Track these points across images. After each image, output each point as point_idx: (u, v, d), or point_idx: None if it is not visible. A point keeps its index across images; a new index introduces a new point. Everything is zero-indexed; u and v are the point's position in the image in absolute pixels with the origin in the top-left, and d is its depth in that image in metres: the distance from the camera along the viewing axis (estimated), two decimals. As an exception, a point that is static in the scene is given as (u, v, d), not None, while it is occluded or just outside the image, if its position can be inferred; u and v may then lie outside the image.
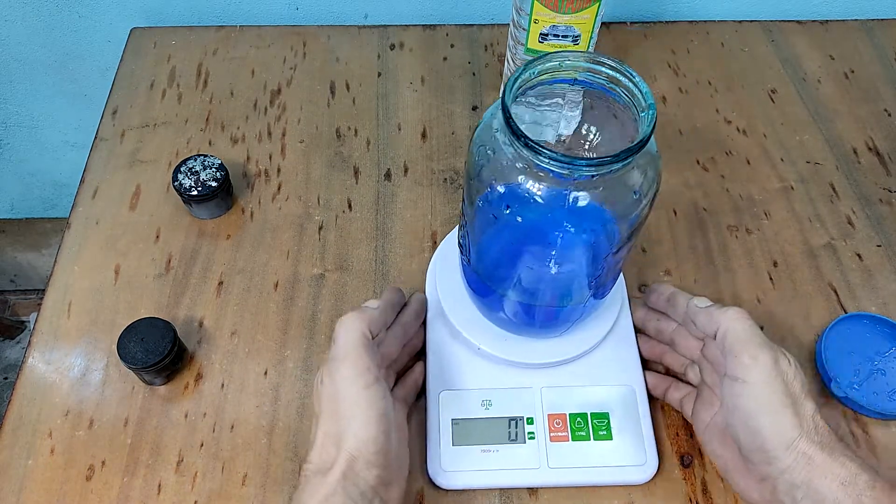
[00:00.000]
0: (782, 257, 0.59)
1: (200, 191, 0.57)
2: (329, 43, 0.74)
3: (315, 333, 0.54)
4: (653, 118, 0.34)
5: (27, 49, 0.81)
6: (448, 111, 0.69)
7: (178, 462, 0.48)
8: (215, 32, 0.75)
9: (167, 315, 0.54)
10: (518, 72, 0.36)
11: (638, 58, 0.74)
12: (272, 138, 0.66)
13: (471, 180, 0.40)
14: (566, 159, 0.33)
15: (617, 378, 0.49)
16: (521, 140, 0.34)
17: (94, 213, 0.60)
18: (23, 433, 0.49)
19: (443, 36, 0.75)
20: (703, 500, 0.47)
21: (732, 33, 0.76)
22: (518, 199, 0.37)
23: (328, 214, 0.61)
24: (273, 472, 0.47)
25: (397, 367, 0.49)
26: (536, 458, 0.46)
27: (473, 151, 0.39)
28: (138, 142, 0.65)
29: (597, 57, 0.36)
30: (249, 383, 0.51)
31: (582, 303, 0.45)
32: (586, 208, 0.37)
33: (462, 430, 0.47)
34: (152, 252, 0.58)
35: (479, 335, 0.49)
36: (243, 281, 0.56)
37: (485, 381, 0.49)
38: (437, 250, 0.55)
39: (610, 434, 0.47)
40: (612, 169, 0.34)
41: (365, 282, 0.57)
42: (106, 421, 0.49)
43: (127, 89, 0.70)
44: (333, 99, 0.69)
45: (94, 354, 0.52)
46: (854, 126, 0.68)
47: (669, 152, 0.66)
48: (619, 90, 0.37)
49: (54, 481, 0.47)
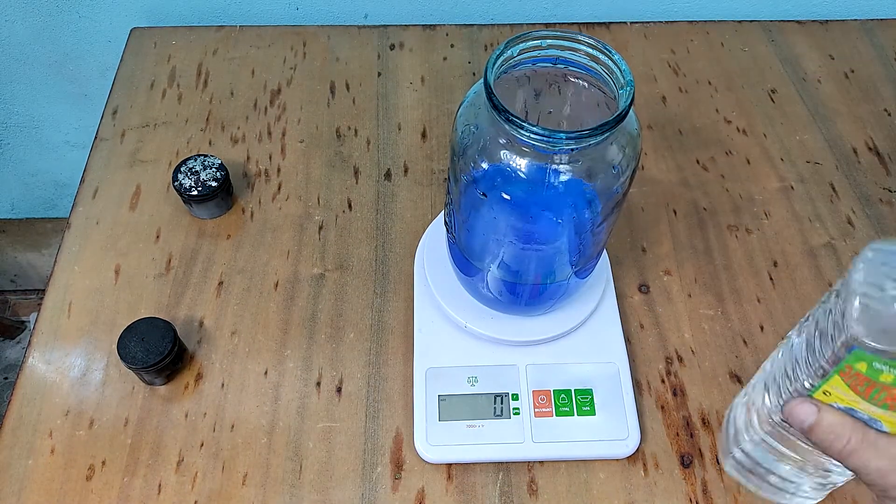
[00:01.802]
0: (782, 257, 0.59)
1: (200, 191, 0.57)
2: (329, 43, 0.74)
3: (315, 333, 0.54)
4: (630, 94, 0.35)
5: (27, 49, 0.81)
6: (448, 111, 0.69)
7: (178, 462, 0.48)
8: (215, 32, 0.75)
9: (167, 315, 0.54)
10: (499, 50, 0.37)
11: (638, 57, 0.74)
12: (272, 138, 0.66)
13: (455, 158, 0.41)
14: (547, 132, 0.34)
15: (600, 355, 0.51)
16: (503, 115, 0.35)
17: (94, 213, 0.60)
18: (23, 433, 0.49)
19: (443, 36, 0.75)
20: (704, 500, 0.47)
21: (732, 33, 0.76)
22: (501, 174, 0.39)
23: (328, 214, 0.61)
24: (273, 472, 0.47)
25: None
26: (521, 433, 0.48)
27: (457, 130, 0.40)
28: (138, 142, 0.65)
29: (576, 35, 0.38)
30: (249, 383, 0.51)
31: (565, 279, 0.47)
32: (567, 183, 0.38)
33: (448, 405, 0.49)
34: (152, 252, 0.58)
35: (465, 313, 0.51)
36: (243, 281, 0.56)
37: (471, 358, 0.51)
38: (427, 230, 0.56)
39: (593, 410, 0.49)
40: (591, 143, 0.36)
41: (365, 282, 0.57)
42: (106, 421, 0.49)
43: (127, 89, 0.70)
44: (333, 99, 0.69)
45: (94, 354, 0.52)
46: (854, 126, 0.68)
47: (669, 152, 0.66)
48: (599, 68, 0.38)
49: (54, 481, 0.47)
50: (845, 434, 0.35)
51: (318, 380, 0.52)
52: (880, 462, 0.33)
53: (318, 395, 0.51)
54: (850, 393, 0.34)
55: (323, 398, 0.51)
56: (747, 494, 0.47)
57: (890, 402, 0.33)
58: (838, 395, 0.35)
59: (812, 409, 0.36)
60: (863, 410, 0.34)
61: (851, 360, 0.33)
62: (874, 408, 0.34)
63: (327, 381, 0.52)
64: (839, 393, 0.35)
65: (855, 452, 0.34)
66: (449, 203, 0.46)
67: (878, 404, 0.33)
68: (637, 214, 0.61)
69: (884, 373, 0.32)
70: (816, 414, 0.36)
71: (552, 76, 0.41)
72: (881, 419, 0.34)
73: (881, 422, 0.34)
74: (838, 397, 0.35)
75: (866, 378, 0.33)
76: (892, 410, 0.33)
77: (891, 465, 0.33)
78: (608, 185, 0.39)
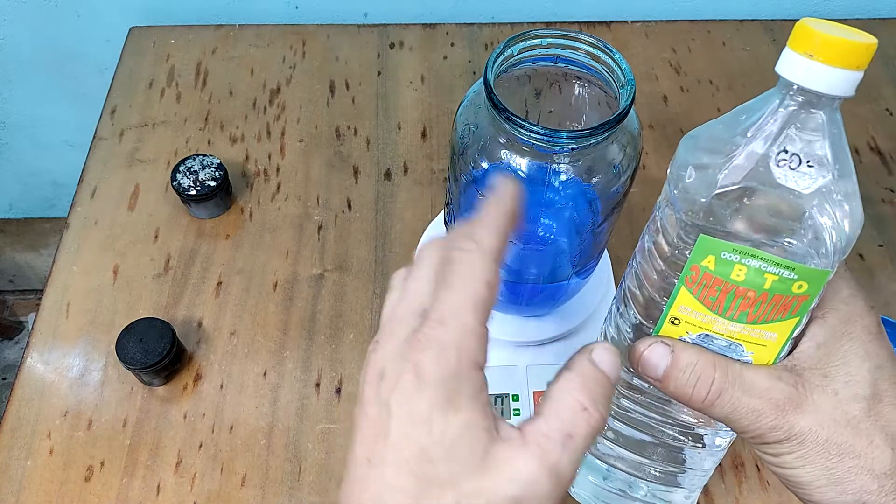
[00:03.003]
0: (784, 257, 0.58)
1: (199, 190, 0.57)
2: (328, 42, 0.74)
3: (314, 334, 0.53)
4: (631, 93, 0.35)
5: (26, 48, 0.81)
6: (448, 110, 0.68)
7: (177, 463, 0.48)
8: (214, 31, 0.75)
9: (166, 315, 0.54)
10: (499, 49, 0.37)
11: (639, 56, 0.74)
12: (271, 138, 0.66)
13: (455, 157, 0.41)
14: (547, 132, 0.34)
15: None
16: (504, 114, 0.35)
17: (92, 212, 0.60)
18: (21, 434, 0.48)
19: (443, 35, 0.75)
20: (705, 500, 0.47)
21: (734, 32, 0.76)
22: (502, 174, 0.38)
23: (327, 214, 0.60)
24: (272, 473, 0.47)
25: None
26: None
27: (457, 129, 0.40)
28: (137, 141, 0.65)
29: (577, 34, 0.37)
30: (248, 384, 0.51)
31: (566, 280, 0.46)
32: (568, 183, 0.38)
33: None
34: (151, 252, 0.58)
35: None
36: (242, 281, 0.56)
37: None
38: (427, 230, 0.56)
39: None
40: (592, 142, 0.35)
41: (364, 282, 0.56)
42: (105, 422, 0.49)
43: (126, 88, 0.69)
44: (333, 98, 0.69)
45: (92, 355, 0.52)
46: (855, 125, 0.68)
47: (670, 151, 0.65)
48: (600, 67, 0.38)
49: (53, 482, 0.47)
50: (708, 373, 0.28)
51: (317, 381, 0.51)
52: (751, 401, 0.28)
53: (317, 397, 0.51)
54: (701, 310, 0.28)
55: (322, 399, 0.51)
56: (749, 495, 0.47)
57: (749, 312, 0.28)
58: (688, 318, 0.29)
59: (664, 350, 0.29)
60: (719, 334, 0.29)
61: (697, 256, 0.27)
62: (732, 325, 0.28)
63: (327, 383, 0.51)
64: (688, 315, 0.29)
65: (723, 393, 0.28)
66: (449, 203, 0.46)
67: (734, 318, 0.28)
68: (638, 214, 0.61)
69: (736, 265, 0.27)
70: (670, 354, 0.29)
71: (553, 75, 0.40)
72: (742, 340, 0.29)
73: (742, 345, 0.29)
74: (689, 322, 0.29)
75: (717, 280, 0.27)
76: (752, 323, 0.28)
77: (763, 403, 0.28)
78: (609, 185, 0.39)
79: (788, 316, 0.28)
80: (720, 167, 0.27)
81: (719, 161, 0.27)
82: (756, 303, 0.27)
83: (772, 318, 0.28)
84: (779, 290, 0.27)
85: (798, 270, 0.26)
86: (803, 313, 0.28)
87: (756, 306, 0.28)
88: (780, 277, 0.27)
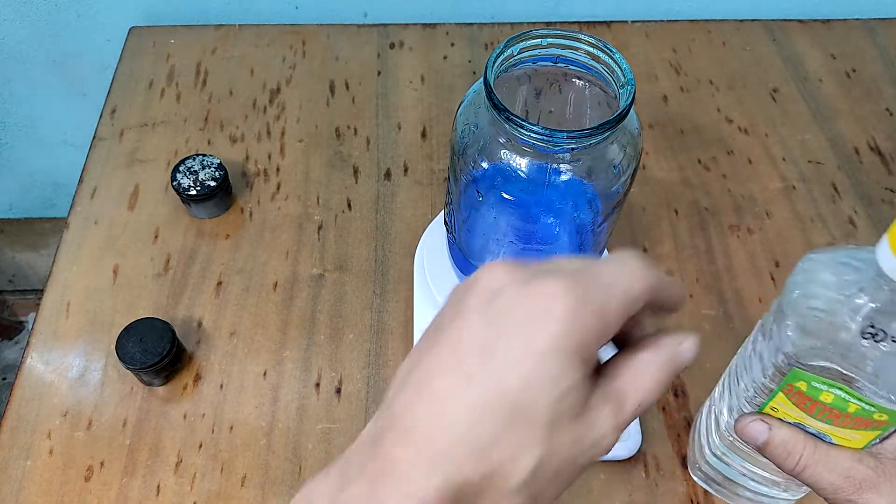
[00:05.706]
0: (784, 257, 0.58)
1: (199, 190, 0.57)
2: (328, 42, 0.74)
3: (314, 334, 0.53)
4: (631, 93, 0.35)
5: (26, 48, 0.81)
6: (448, 110, 0.68)
7: (177, 463, 0.48)
8: (214, 31, 0.75)
9: (166, 315, 0.54)
10: (499, 48, 0.37)
11: (639, 56, 0.74)
12: (271, 137, 0.66)
13: (455, 157, 0.41)
14: (547, 132, 0.34)
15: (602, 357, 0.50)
16: (504, 114, 0.35)
17: (92, 212, 0.60)
18: (21, 434, 0.48)
19: (443, 34, 0.75)
20: (705, 501, 0.47)
21: (734, 32, 0.76)
22: (501, 174, 0.38)
23: (327, 214, 0.60)
24: (272, 473, 0.47)
25: None
26: None
27: (457, 129, 0.40)
28: (137, 141, 0.65)
29: (577, 34, 0.38)
30: (248, 384, 0.51)
31: None
32: (568, 182, 0.38)
33: None
34: (151, 252, 0.58)
35: None
36: (242, 281, 0.56)
37: None
38: (427, 230, 0.56)
39: None
40: (592, 142, 0.35)
41: (364, 282, 0.56)
42: (105, 422, 0.49)
43: (126, 88, 0.69)
44: (333, 98, 0.69)
45: (92, 355, 0.52)
46: (856, 125, 0.68)
47: (670, 151, 0.65)
48: (600, 67, 0.38)
49: (53, 482, 0.47)
50: (797, 450, 0.34)
51: (317, 381, 0.51)
52: (832, 477, 0.33)
53: (317, 397, 0.51)
54: (795, 409, 0.34)
55: (322, 399, 0.51)
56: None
57: (835, 421, 0.33)
58: (785, 411, 0.34)
59: (763, 428, 0.35)
60: (810, 426, 0.34)
61: (791, 378, 0.32)
62: (821, 423, 0.33)
63: (326, 382, 0.51)
64: (786, 409, 0.34)
65: (808, 468, 0.34)
66: (449, 203, 0.46)
67: (823, 420, 0.33)
68: (638, 214, 0.61)
69: (823, 392, 0.32)
70: (768, 432, 0.35)
71: (553, 75, 0.40)
72: (829, 434, 0.34)
73: (830, 436, 0.34)
74: (785, 413, 0.35)
75: (808, 397, 0.32)
76: (838, 426, 0.33)
77: (842, 480, 0.33)
78: (609, 185, 0.39)
79: (871, 429, 0.32)
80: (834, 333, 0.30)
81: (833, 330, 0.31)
82: (841, 417, 0.32)
83: (856, 428, 0.32)
84: (861, 415, 0.31)
85: (877, 407, 0.31)
86: (886, 430, 0.32)
87: (841, 419, 0.32)
88: (862, 408, 0.31)
